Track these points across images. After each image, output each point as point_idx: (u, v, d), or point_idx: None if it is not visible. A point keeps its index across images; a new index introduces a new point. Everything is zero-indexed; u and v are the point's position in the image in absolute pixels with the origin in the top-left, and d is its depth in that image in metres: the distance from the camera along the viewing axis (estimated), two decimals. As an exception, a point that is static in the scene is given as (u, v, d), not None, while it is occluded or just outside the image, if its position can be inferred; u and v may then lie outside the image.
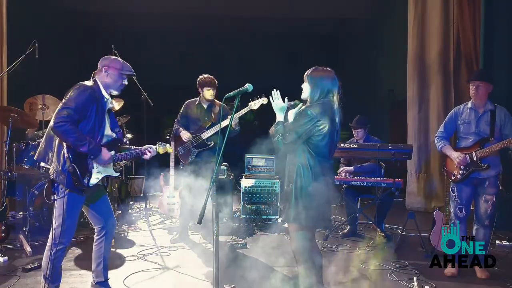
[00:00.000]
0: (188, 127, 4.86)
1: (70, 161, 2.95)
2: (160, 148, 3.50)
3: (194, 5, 8.19)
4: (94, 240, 3.32)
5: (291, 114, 2.99)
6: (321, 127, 2.82)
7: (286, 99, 3.01)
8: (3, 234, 4.63)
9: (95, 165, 3.12)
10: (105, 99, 3.18)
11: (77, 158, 2.99)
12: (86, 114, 3.01)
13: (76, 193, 3.04)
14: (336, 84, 2.94)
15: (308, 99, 2.94)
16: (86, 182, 3.05)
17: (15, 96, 6.03)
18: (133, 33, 8.51)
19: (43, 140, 3.20)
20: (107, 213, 3.31)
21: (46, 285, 3.06)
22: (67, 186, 2.99)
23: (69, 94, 3.00)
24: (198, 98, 4.94)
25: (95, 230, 3.32)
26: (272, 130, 2.96)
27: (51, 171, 3.10)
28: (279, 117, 2.96)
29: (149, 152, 3.38)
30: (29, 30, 6.59)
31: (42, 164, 3.19)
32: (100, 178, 3.15)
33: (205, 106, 4.89)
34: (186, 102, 4.99)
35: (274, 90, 2.99)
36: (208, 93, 4.81)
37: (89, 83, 3.12)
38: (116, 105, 5.53)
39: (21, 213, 4.93)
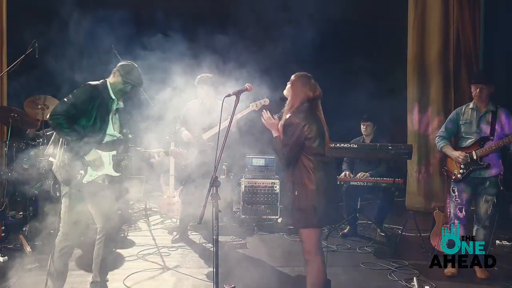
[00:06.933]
0: (189, 127, 4.84)
1: (67, 157, 3.02)
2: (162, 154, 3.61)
3: (197, 5, 8.21)
4: (96, 239, 3.32)
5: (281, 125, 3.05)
6: (309, 130, 2.86)
7: (275, 116, 3.05)
8: (3, 234, 4.62)
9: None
10: (111, 99, 3.21)
11: (74, 154, 3.04)
12: (86, 111, 3.06)
13: (74, 190, 3.09)
14: (317, 92, 2.98)
15: (289, 105, 2.99)
16: (80, 178, 3.07)
17: (15, 96, 6.02)
18: (133, 33, 8.51)
19: (53, 136, 3.28)
20: (108, 213, 3.28)
21: (50, 283, 3.07)
22: (63, 182, 3.07)
23: (74, 91, 3.12)
24: (200, 98, 4.93)
25: (97, 230, 3.30)
26: (272, 146, 3.05)
27: (54, 167, 3.16)
28: (274, 133, 3.03)
29: (157, 156, 3.50)
30: (29, 30, 6.58)
31: (50, 159, 3.24)
32: (95, 176, 3.14)
33: (207, 106, 4.87)
34: (188, 102, 4.98)
35: (264, 111, 3.06)
36: (200, 90, 4.81)
37: (96, 82, 3.19)
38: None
39: (21, 213, 4.93)
